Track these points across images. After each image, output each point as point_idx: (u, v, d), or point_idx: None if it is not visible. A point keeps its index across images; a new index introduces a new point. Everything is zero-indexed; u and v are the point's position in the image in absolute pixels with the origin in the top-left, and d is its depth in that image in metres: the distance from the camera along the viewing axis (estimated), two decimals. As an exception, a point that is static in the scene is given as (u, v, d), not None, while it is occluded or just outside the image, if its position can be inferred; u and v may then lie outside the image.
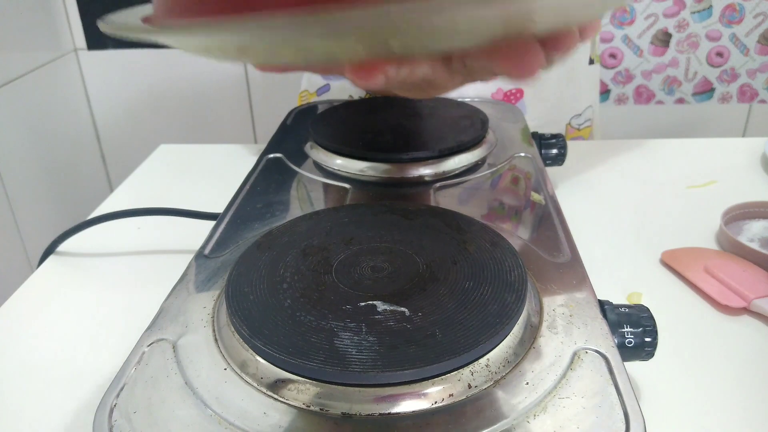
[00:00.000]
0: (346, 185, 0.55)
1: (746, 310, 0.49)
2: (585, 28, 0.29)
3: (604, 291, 0.42)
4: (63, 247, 0.61)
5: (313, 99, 0.86)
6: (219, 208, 0.54)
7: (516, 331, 0.35)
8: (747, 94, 1.37)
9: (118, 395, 0.33)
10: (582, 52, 0.82)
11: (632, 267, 0.56)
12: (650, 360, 0.39)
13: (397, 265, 0.40)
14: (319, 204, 0.53)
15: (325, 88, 0.84)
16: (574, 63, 0.81)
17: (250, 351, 0.35)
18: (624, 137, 0.82)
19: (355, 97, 0.81)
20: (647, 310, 0.40)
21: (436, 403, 0.32)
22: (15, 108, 1.09)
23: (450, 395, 0.32)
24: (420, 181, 0.55)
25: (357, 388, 0.32)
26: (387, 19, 0.20)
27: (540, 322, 0.37)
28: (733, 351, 0.46)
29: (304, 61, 0.26)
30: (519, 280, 0.38)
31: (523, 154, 0.60)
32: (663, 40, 1.32)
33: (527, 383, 0.33)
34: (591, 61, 0.83)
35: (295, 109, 0.76)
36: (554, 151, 0.66)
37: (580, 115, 0.84)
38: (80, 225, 0.60)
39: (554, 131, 0.74)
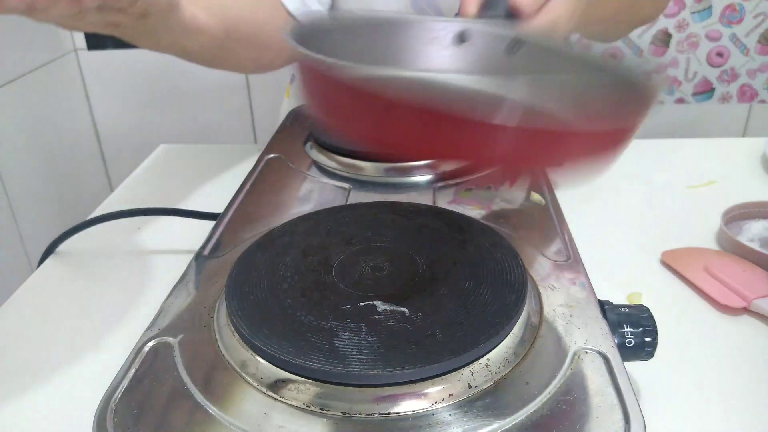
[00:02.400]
0: (346, 185, 0.55)
1: (746, 310, 0.49)
2: None
3: (604, 291, 0.42)
4: (63, 247, 0.61)
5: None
6: (219, 208, 0.54)
7: (516, 331, 0.35)
8: (747, 94, 1.37)
9: (118, 395, 0.33)
10: None
11: (632, 267, 0.55)
12: (650, 360, 0.39)
13: (397, 265, 0.40)
14: (319, 204, 0.53)
15: None
16: None
17: (250, 351, 0.35)
18: (624, 137, 0.81)
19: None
20: (647, 310, 0.40)
21: (436, 403, 0.32)
22: (15, 108, 1.09)
23: (450, 395, 0.32)
24: (420, 181, 0.55)
25: (357, 388, 0.32)
26: None
27: (540, 322, 0.37)
28: (733, 351, 0.46)
29: None
30: (519, 280, 0.38)
31: (523, 154, 0.60)
32: (663, 40, 1.32)
33: (527, 383, 0.33)
34: None
35: (295, 109, 0.76)
36: (554, 151, 0.66)
37: None
38: (80, 225, 0.60)
39: None
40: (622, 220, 0.62)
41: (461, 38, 0.43)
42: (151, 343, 0.37)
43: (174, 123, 1.38)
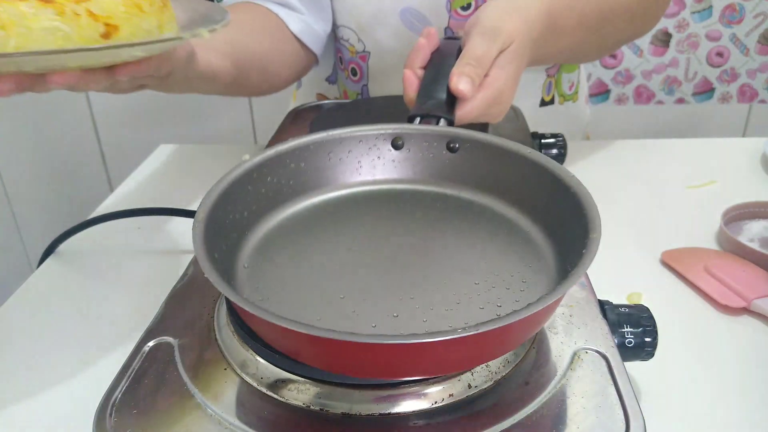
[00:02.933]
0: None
1: (746, 310, 0.49)
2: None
3: (604, 291, 0.42)
4: (63, 247, 0.61)
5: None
6: (219, 208, 0.54)
7: (516, 331, 0.35)
8: (747, 94, 1.38)
9: (118, 395, 0.33)
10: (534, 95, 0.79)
11: (632, 267, 0.55)
12: (650, 360, 0.39)
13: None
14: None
15: (332, 78, 0.83)
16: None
17: (250, 351, 0.35)
18: (624, 137, 0.82)
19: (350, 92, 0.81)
20: (647, 310, 0.40)
21: (436, 403, 0.32)
22: (15, 108, 1.09)
23: (450, 395, 0.32)
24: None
25: (357, 389, 0.32)
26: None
27: (540, 322, 0.37)
28: (733, 351, 0.46)
29: None
30: (519, 280, 0.38)
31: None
32: (663, 40, 1.32)
33: (527, 383, 0.33)
34: (543, 102, 0.80)
35: (295, 109, 0.76)
36: (554, 151, 0.66)
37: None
38: (80, 225, 0.60)
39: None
40: (622, 220, 0.62)
41: (398, 143, 0.44)
42: (151, 343, 0.37)
43: (174, 123, 1.38)
